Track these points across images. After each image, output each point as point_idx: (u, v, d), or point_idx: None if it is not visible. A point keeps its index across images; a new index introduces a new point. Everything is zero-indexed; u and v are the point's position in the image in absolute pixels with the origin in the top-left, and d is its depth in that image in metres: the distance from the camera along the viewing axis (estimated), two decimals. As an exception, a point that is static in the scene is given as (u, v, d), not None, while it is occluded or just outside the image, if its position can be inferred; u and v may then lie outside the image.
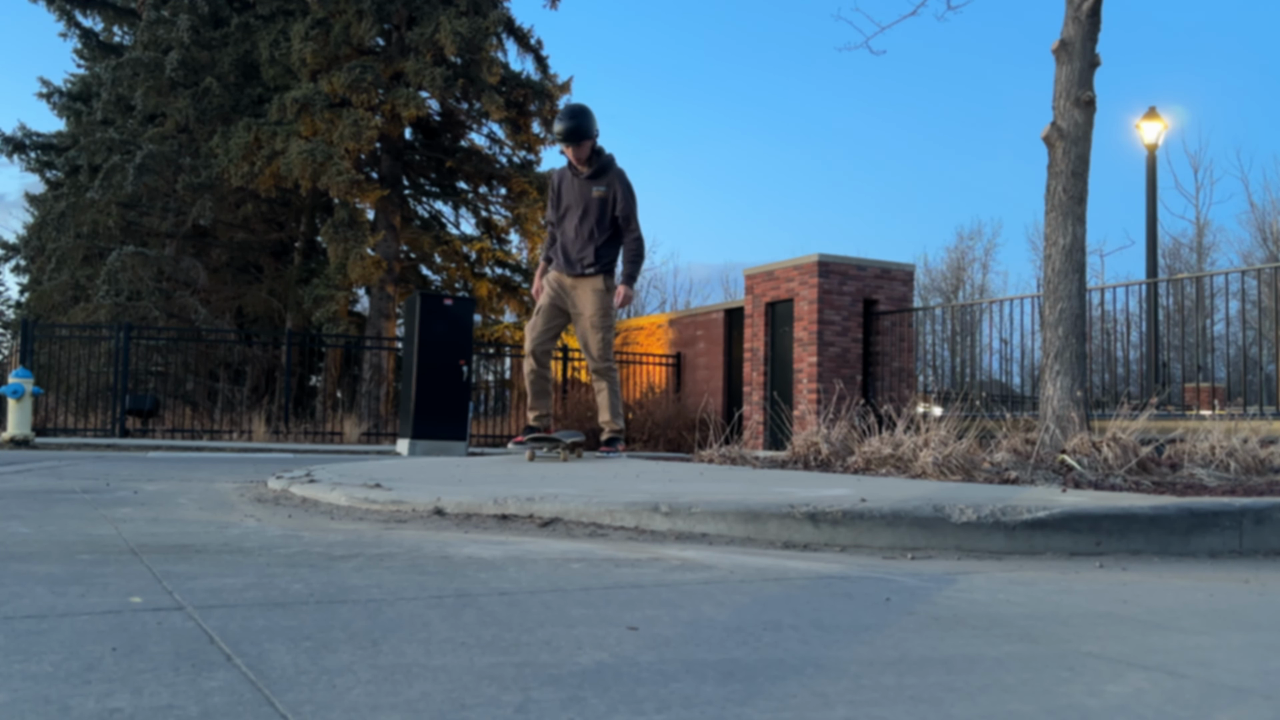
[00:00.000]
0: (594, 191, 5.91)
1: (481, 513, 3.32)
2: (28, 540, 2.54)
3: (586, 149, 5.89)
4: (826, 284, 12.37)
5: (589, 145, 5.90)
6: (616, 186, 5.93)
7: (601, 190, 5.90)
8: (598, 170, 5.94)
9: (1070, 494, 3.42)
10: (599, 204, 5.91)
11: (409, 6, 17.41)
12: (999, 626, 1.75)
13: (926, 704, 1.24)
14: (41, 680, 1.21)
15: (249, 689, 1.20)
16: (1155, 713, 1.24)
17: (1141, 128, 14.81)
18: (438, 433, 11.09)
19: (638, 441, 14.71)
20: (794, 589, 2.07)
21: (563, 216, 6.05)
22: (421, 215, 21.00)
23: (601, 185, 5.91)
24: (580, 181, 5.97)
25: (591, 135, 5.89)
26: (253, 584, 1.93)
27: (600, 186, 5.91)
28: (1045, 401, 5.42)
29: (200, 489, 4.62)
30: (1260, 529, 2.94)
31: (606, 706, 1.18)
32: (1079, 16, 5.64)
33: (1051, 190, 5.60)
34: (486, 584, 2.00)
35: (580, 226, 5.96)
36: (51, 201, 21.00)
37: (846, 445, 5.34)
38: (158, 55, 17.98)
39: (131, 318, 16.56)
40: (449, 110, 19.32)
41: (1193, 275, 10.73)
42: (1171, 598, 2.15)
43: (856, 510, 2.87)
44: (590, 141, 5.90)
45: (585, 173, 5.93)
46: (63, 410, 15.08)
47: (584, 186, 5.96)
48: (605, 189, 5.90)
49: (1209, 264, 29.88)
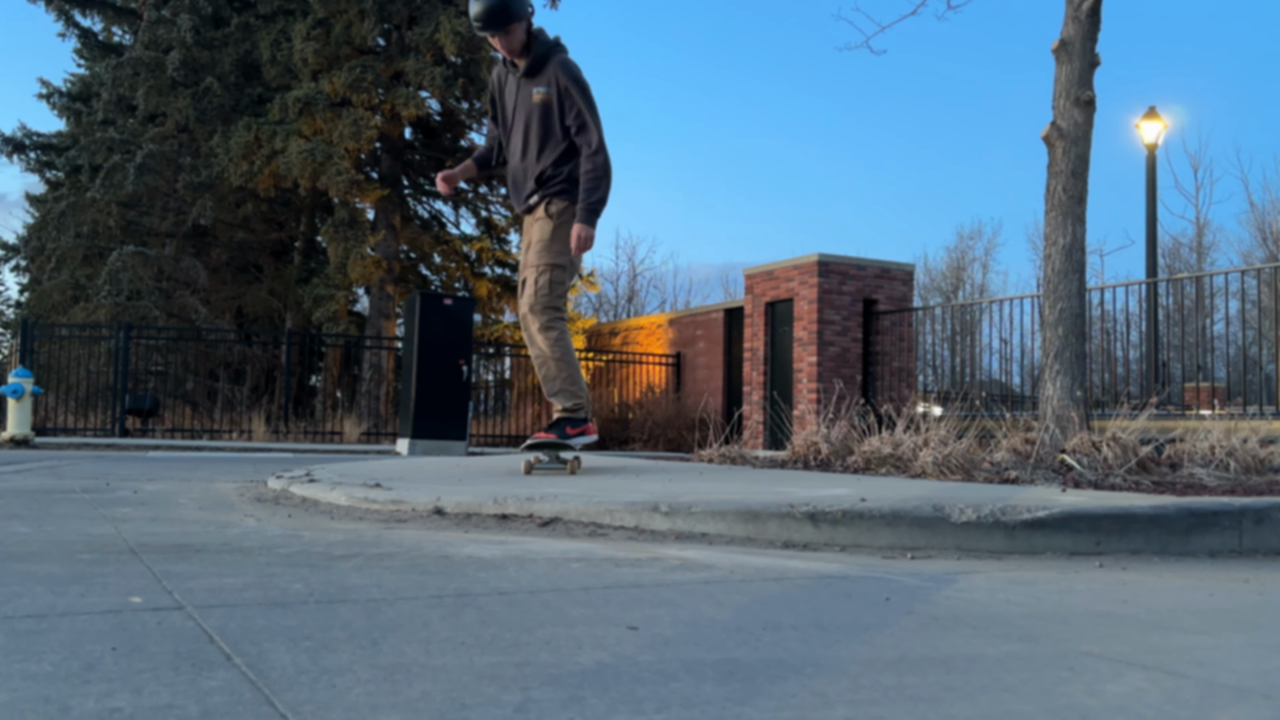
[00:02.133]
0: (534, 94, 4.42)
1: (481, 512, 3.32)
2: (28, 540, 2.54)
3: (519, 35, 4.37)
4: (826, 284, 12.37)
5: (521, 29, 4.36)
6: (560, 82, 4.38)
7: (542, 92, 4.39)
8: (535, 63, 4.42)
9: (1070, 494, 3.42)
10: (541, 112, 4.41)
11: (409, 6, 17.41)
12: (999, 626, 1.75)
13: (926, 703, 1.24)
14: (41, 680, 1.21)
15: (249, 689, 1.20)
16: (1155, 712, 1.24)
17: (1141, 127, 14.81)
18: (438, 432, 11.10)
19: (637, 441, 14.71)
20: (794, 589, 2.07)
21: (509, 132, 4.60)
22: (421, 215, 21.00)
23: (541, 85, 4.40)
24: (519, 81, 4.49)
25: (521, 15, 4.33)
26: (253, 584, 1.93)
27: (540, 87, 4.40)
28: (1045, 401, 5.42)
29: (200, 489, 4.62)
30: (1260, 529, 2.94)
31: (606, 706, 1.18)
32: (1079, 16, 5.64)
33: (1051, 190, 5.60)
34: (486, 584, 2.00)
35: (525, 145, 4.49)
36: (51, 201, 20.99)
37: (846, 445, 5.34)
38: (158, 55, 17.98)
39: (131, 317, 16.55)
40: (449, 110, 19.32)
41: (1193, 275, 10.73)
42: (1171, 597, 2.15)
43: (856, 510, 2.87)
44: (522, 24, 4.35)
45: (522, 68, 4.45)
46: (62, 410, 15.09)
47: (523, 89, 4.47)
48: (546, 89, 4.39)
49: (1209, 264, 29.88)
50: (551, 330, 4.42)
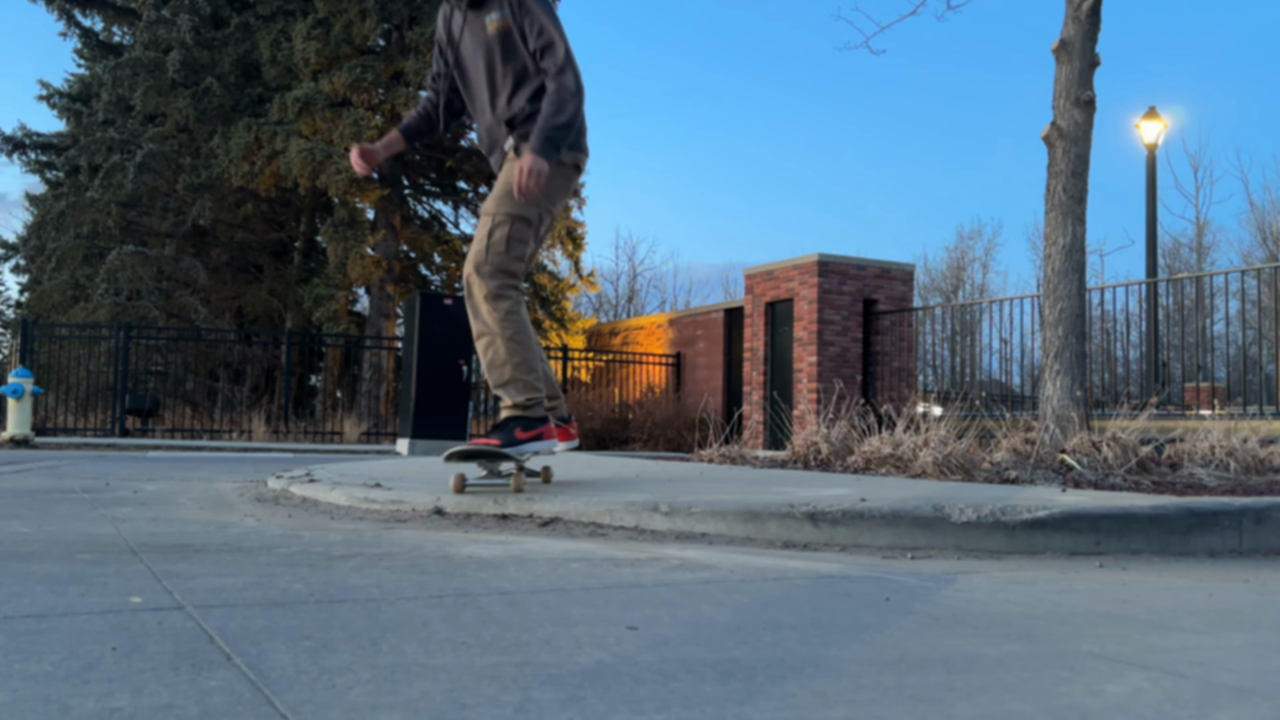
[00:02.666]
0: (488, 24, 3.57)
1: (481, 512, 3.32)
2: (28, 540, 2.54)
3: None
4: (826, 284, 12.37)
5: None
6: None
7: (496, 18, 3.54)
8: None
9: (1070, 494, 3.42)
10: (502, 43, 3.56)
11: (410, 6, 17.41)
12: (999, 626, 1.75)
13: (926, 703, 1.24)
14: (41, 680, 1.21)
15: (249, 688, 1.20)
16: (1155, 712, 1.24)
17: (1141, 127, 14.81)
18: (438, 432, 11.10)
19: (637, 441, 14.71)
20: (794, 589, 2.07)
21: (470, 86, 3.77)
22: (421, 215, 21.01)
23: (493, 10, 3.55)
24: (466, 16, 3.66)
25: None
26: (252, 583, 1.93)
27: (492, 13, 3.54)
28: (1045, 401, 5.42)
29: (200, 489, 4.62)
30: (1260, 529, 2.94)
31: (606, 706, 1.18)
32: (1079, 16, 5.64)
33: (1051, 190, 5.60)
34: (486, 583, 2.00)
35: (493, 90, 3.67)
36: (51, 201, 21.00)
37: (846, 445, 5.34)
38: (158, 55, 17.98)
39: (131, 317, 16.55)
40: (449, 110, 19.31)
41: (1193, 275, 10.73)
42: (1171, 597, 2.15)
43: (856, 510, 2.87)
44: None
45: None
46: (62, 410, 15.08)
47: (474, 24, 3.63)
48: (499, 12, 3.53)
49: (1209, 264, 29.89)
50: (502, 300, 3.44)
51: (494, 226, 3.48)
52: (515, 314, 3.47)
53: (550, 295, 19.84)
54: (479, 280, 3.46)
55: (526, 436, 3.48)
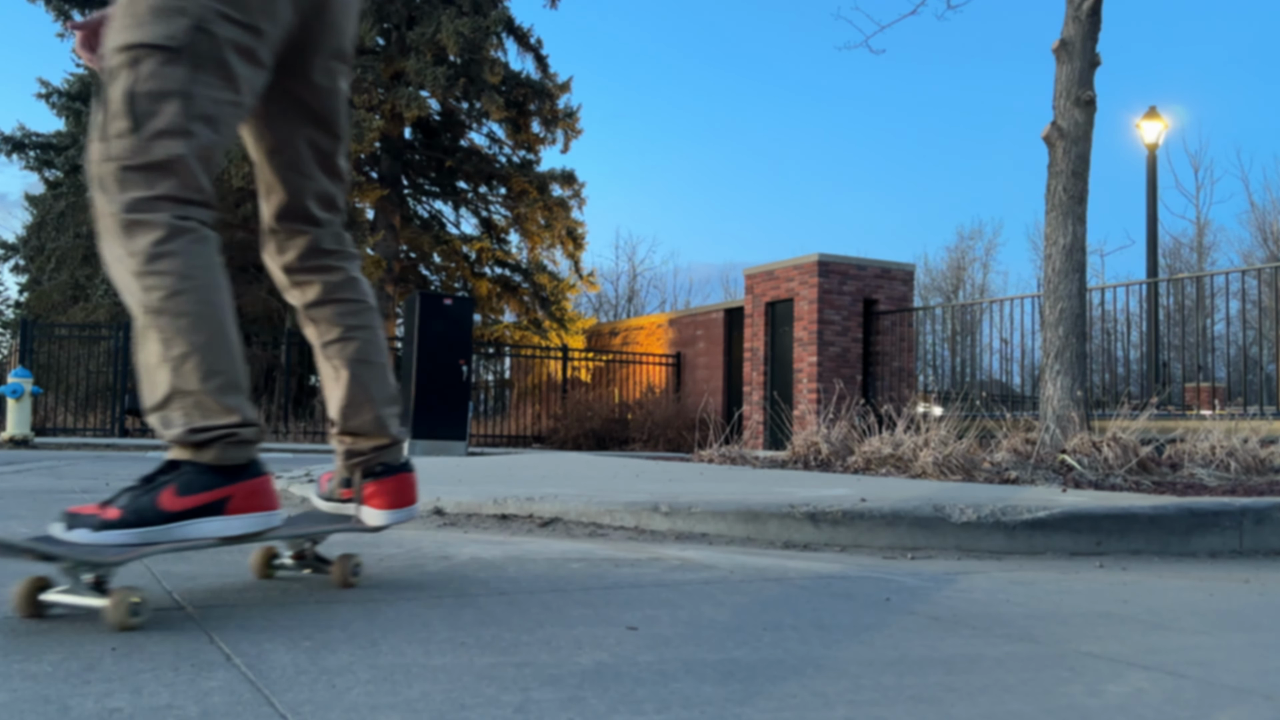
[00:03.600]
0: None
1: (481, 512, 3.32)
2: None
3: None
4: (826, 284, 12.37)
5: None
6: None
7: None
8: None
9: (1070, 494, 3.42)
10: None
11: (409, 6, 17.41)
12: (999, 626, 1.75)
13: (926, 704, 1.24)
14: (41, 680, 1.21)
15: (248, 689, 1.20)
16: (1155, 713, 1.24)
17: (1141, 127, 14.81)
18: (437, 432, 11.10)
19: (637, 442, 14.71)
20: (794, 589, 2.07)
21: None
22: (421, 215, 21.00)
23: None
24: None
25: None
26: (252, 583, 1.93)
27: None
28: (1045, 401, 5.42)
29: (200, 489, 4.61)
30: (1260, 529, 2.94)
31: (606, 706, 1.18)
32: (1079, 16, 5.64)
33: (1052, 190, 5.60)
34: (486, 584, 2.00)
35: None
36: (51, 201, 20.99)
37: (846, 445, 5.34)
38: (158, 55, 17.97)
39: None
40: (449, 110, 19.32)
41: (1193, 275, 10.73)
42: (1171, 598, 2.15)
43: (856, 510, 2.87)
44: None
45: None
46: (62, 410, 15.09)
47: None
48: None
49: (1209, 264, 29.89)
50: (141, 230, 1.71)
51: (111, 80, 1.71)
52: (173, 256, 1.70)
53: (550, 295, 19.84)
54: (100, 198, 1.80)
55: (184, 505, 1.62)
